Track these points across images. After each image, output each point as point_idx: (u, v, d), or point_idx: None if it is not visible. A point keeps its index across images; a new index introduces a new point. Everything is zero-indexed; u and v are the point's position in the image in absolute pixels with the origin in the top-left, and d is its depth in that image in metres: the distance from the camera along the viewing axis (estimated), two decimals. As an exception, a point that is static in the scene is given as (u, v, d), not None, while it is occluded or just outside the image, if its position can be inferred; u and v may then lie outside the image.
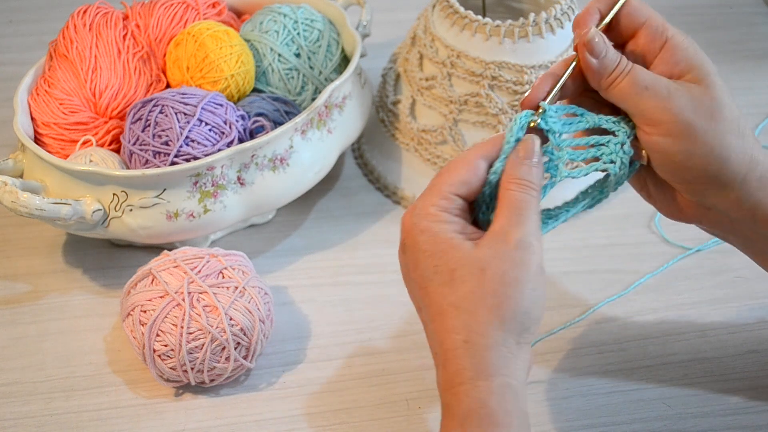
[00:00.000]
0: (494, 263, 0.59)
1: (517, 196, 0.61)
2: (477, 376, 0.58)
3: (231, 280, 0.77)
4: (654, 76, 0.63)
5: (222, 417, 0.76)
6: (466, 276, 0.59)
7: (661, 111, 0.62)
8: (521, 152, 0.63)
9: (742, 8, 1.22)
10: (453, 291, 0.60)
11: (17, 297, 0.86)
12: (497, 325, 0.59)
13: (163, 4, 0.94)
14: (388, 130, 0.97)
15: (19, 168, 0.86)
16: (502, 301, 0.59)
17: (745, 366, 0.79)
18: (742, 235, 0.67)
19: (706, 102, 0.63)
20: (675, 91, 0.63)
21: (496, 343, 0.59)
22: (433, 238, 0.61)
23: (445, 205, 0.62)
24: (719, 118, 0.63)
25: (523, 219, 0.61)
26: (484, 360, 0.59)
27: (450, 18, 0.90)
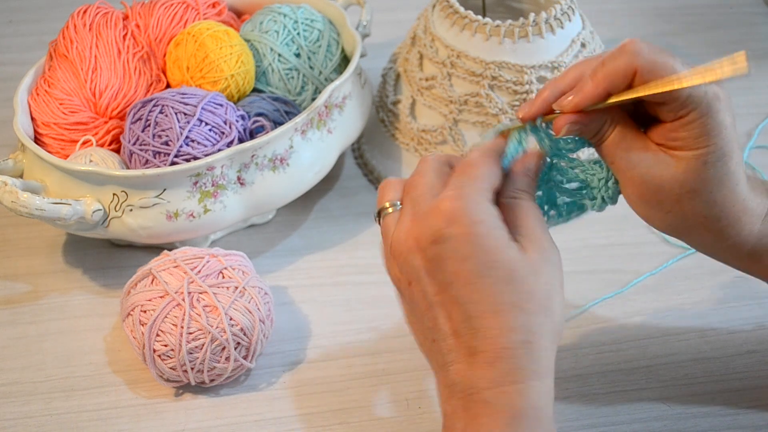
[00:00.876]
0: (545, 268, 0.60)
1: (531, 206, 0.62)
2: (533, 376, 0.58)
3: (231, 280, 0.77)
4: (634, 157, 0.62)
5: (222, 417, 0.76)
6: (527, 277, 0.59)
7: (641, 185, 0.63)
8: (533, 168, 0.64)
9: (742, 8, 1.22)
10: (514, 290, 0.58)
11: (17, 297, 0.86)
12: (550, 328, 0.59)
13: (163, 4, 0.94)
14: (388, 130, 0.97)
15: (19, 168, 0.86)
16: (552, 305, 0.60)
17: (745, 366, 0.79)
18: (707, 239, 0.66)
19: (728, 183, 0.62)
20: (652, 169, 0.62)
21: (550, 346, 0.59)
22: (491, 232, 0.59)
23: (490, 196, 0.60)
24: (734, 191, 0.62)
25: (545, 228, 0.62)
26: (542, 361, 0.58)
27: (450, 18, 0.90)
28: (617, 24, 1.19)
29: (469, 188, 0.59)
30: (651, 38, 1.16)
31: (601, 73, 0.61)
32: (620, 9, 1.22)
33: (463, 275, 0.58)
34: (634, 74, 0.60)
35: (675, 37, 1.17)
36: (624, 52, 0.60)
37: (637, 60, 0.60)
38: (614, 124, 0.63)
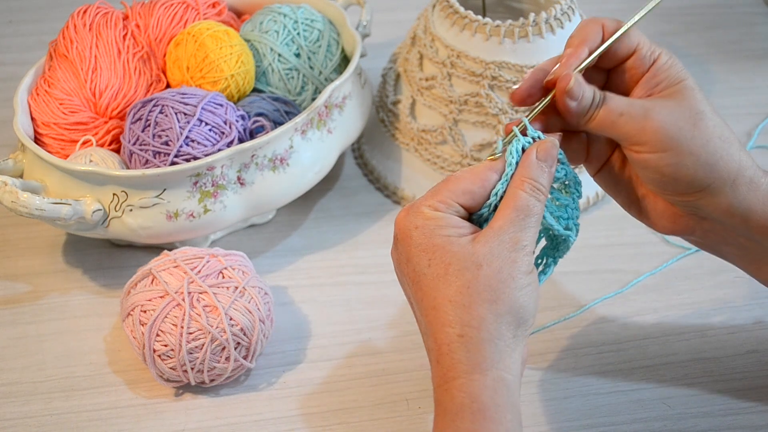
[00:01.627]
0: (490, 260, 0.60)
1: (526, 199, 0.62)
2: (472, 370, 0.59)
3: (231, 280, 0.77)
4: (627, 100, 0.64)
5: (222, 417, 0.76)
6: (462, 270, 0.60)
7: (641, 131, 0.63)
8: (540, 154, 0.63)
9: (742, 8, 1.22)
10: (448, 285, 0.60)
11: (17, 297, 0.86)
12: (492, 319, 0.59)
13: (163, 4, 0.94)
14: (388, 130, 0.97)
15: (19, 168, 0.86)
16: (498, 296, 0.59)
17: (745, 366, 0.79)
18: (736, 243, 0.67)
19: (685, 112, 0.63)
20: (652, 109, 0.63)
21: (491, 337, 0.59)
22: (428, 233, 0.61)
23: (442, 207, 0.62)
24: (701, 125, 0.63)
25: (526, 224, 0.61)
26: (479, 353, 0.59)
27: (450, 18, 0.90)
28: (617, 24, 1.19)
29: (420, 200, 0.63)
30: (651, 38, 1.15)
31: (575, 37, 0.66)
32: (620, 9, 1.22)
33: (411, 276, 0.62)
34: (602, 29, 0.65)
35: (675, 37, 1.17)
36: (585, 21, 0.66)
37: (601, 19, 0.66)
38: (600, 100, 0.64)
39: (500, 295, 0.59)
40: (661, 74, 0.65)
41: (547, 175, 0.63)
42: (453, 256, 0.60)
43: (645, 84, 0.65)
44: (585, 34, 0.65)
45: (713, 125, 0.63)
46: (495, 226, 0.61)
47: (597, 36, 0.65)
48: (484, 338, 0.59)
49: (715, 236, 0.67)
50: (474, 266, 0.60)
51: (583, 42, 0.65)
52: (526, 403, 0.76)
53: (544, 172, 0.63)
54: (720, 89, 1.08)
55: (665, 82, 0.64)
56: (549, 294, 0.85)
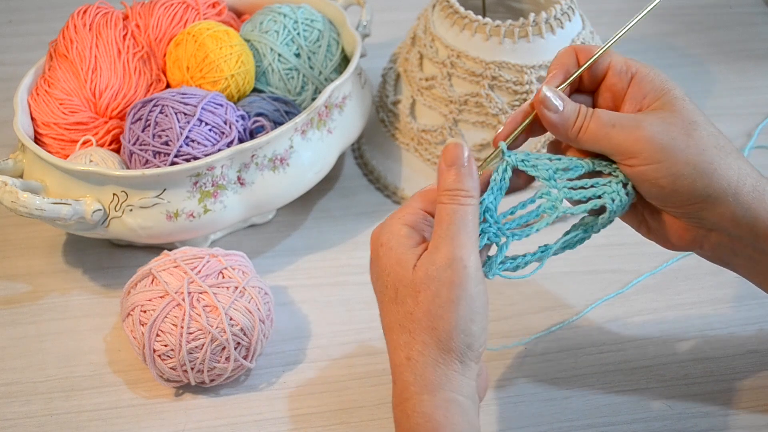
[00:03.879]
0: (427, 284, 0.60)
1: (447, 209, 0.61)
2: (421, 391, 0.60)
3: (231, 280, 0.77)
4: (618, 113, 0.64)
5: (222, 417, 0.76)
6: (406, 297, 0.61)
7: (634, 142, 0.63)
8: (447, 159, 0.62)
9: (742, 8, 1.22)
10: (397, 309, 0.61)
11: (17, 297, 0.86)
12: (434, 345, 0.60)
13: (163, 4, 0.94)
14: (388, 130, 0.97)
15: (19, 168, 0.86)
16: (437, 323, 0.60)
17: (745, 366, 0.79)
18: (744, 254, 0.67)
19: (677, 123, 0.63)
20: (643, 120, 0.63)
21: (435, 362, 0.60)
22: (388, 253, 0.62)
23: (408, 218, 0.63)
24: (695, 135, 0.63)
25: (453, 233, 0.60)
26: (424, 376, 0.60)
27: (450, 18, 0.90)
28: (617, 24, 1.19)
29: (389, 217, 0.64)
30: (651, 38, 1.16)
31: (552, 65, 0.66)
32: (620, 9, 1.22)
33: (377, 294, 0.64)
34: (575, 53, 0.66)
35: (675, 37, 1.17)
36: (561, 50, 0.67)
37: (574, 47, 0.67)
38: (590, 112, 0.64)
39: (438, 322, 0.60)
40: (645, 86, 0.65)
41: (462, 176, 0.62)
42: (400, 281, 0.61)
43: (631, 99, 0.65)
44: (560, 60, 0.66)
45: (707, 134, 0.63)
46: (429, 247, 0.61)
47: (571, 59, 0.66)
48: (428, 362, 0.60)
49: (723, 249, 0.67)
50: (414, 293, 0.60)
51: (560, 68, 0.66)
52: (526, 403, 0.76)
53: (455, 176, 0.62)
54: (720, 89, 1.08)
55: (651, 94, 0.64)
56: (548, 294, 0.85)
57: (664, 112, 0.63)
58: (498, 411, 0.76)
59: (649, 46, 1.14)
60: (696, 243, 0.67)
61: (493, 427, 0.75)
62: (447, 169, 0.62)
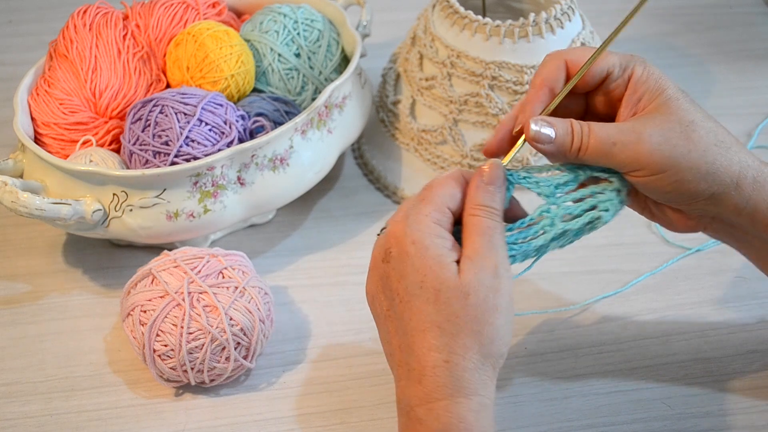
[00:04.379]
0: (476, 290, 0.60)
1: (485, 222, 0.62)
2: (457, 394, 0.60)
3: (231, 280, 0.77)
4: (616, 127, 0.64)
5: (222, 417, 0.76)
6: (451, 299, 0.60)
7: (637, 157, 0.63)
8: (485, 178, 0.63)
9: (742, 8, 1.22)
10: (437, 311, 0.60)
11: (17, 297, 0.86)
12: (477, 350, 0.60)
13: (163, 4, 0.94)
14: (388, 130, 0.97)
15: (19, 168, 0.86)
16: (483, 328, 0.60)
17: (745, 366, 0.79)
18: (745, 241, 0.68)
19: (675, 127, 0.63)
20: (642, 131, 0.63)
21: (475, 367, 0.60)
22: (424, 252, 0.61)
23: (438, 217, 0.62)
24: (694, 137, 0.63)
25: (494, 245, 0.62)
26: (464, 380, 0.60)
27: (450, 18, 0.90)
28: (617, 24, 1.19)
29: (414, 209, 0.62)
30: (651, 38, 1.16)
31: (537, 78, 0.66)
32: (620, 9, 1.22)
33: (401, 293, 0.62)
34: (566, 65, 0.66)
35: (675, 37, 1.17)
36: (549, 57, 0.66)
37: (564, 54, 0.66)
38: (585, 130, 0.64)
39: (484, 327, 0.60)
40: (641, 88, 0.65)
41: (496, 195, 0.63)
42: (443, 282, 0.60)
43: (627, 102, 0.65)
44: (546, 73, 0.66)
45: (706, 132, 0.63)
46: (470, 253, 0.61)
47: (559, 74, 0.66)
48: (469, 367, 0.60)
49: (726, 235, 0.68)
50: (462, 296, 0.60)
51: (544, 83, 0.65)
52: (526, 403, 0.76)
53: (492, 194, 0.63)
54: (720, 89, 1.08)
55: (647, 96, 0.64)
56: (548, 294, 0.85)
57: (660, 116, 0.63)
58: (498, 411, 0.76)
59: (649, 46, 1.14)
60: (700, 227, 0.68)
61: (493, 427, 0.75)
62: (486, 186, 0.63)
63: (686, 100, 0.64)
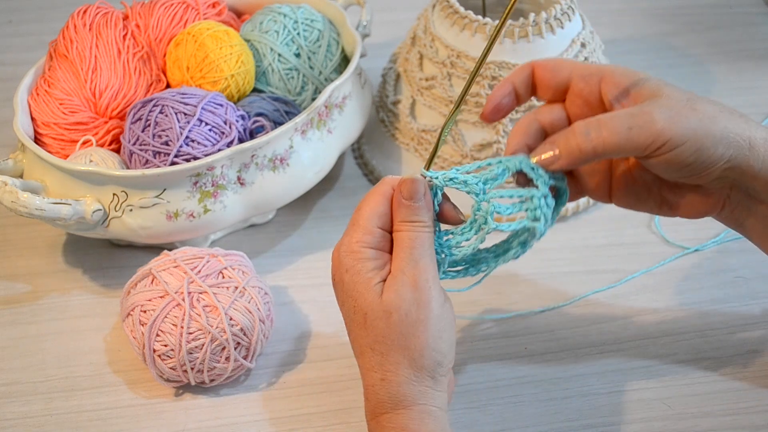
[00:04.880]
0: (397, 307, 0.63)
1: (407, 236, 0.64)
2: (396, 407, 0.63)
3: (231, 280, 0.77)
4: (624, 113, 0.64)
5: (222, 417, 0.76)
6: (376, 321, 0.63)
7: (656, 135, 0.63)
8: (404, 194, 0.65)
9: (742, 8, 1.22)
10: (367, 333, 0.64)
11: (17, 297, 0.86)
12: (407, 365, 0.63)
13: (163, 4, 0.94)
14: (388, 130, 0.97)
15: (19, 168, 0.86)
16: (410, 342, 0.63)
17: (745, 366, 0.79)
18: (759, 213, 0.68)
19: (678, 104, 0.63)
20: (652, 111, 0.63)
21: (409, 380, 0.63)
22: (354, 278, 0.64)
23: (368, 240, 0.65)
24: (699, 107, 0.64)
25: (414, 258, 0.63)
26: (399, 394, 0.63)
27: (450, 18, 0.90)
28: (617, 24, 1.19)
29: (346, 236, 0.65)
30: (651, 38, 1.16)
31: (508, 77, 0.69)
32: (620, 9, 1.22)
33: (344, 318, 0.66)
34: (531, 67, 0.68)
35: (675, 37, 1.17)
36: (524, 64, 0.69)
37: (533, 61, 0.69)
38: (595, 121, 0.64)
39: (411, 340, 0.63)
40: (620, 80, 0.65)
41: (418, 209, 0.64)
42: (369, 305, 0.63)
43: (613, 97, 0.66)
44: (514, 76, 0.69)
45: (707, 102, 0.64)
46: (393, 270, 0.64)
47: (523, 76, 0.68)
48: (402, 381, 0.63)
49: (741, 208, 0.68)
50: (385, 315, 0.63)
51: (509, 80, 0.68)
52: (526, 403, 0.76)
53: (412, 209, 0.64)
54: (720, 89, 1.08)
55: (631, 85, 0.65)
56: (548, 294, 0.85)
57: (659, 99, 0.64)
58: (498, 411, 0.76)
59: (649, 46, 1.14)
60: (717, 206, 0.69)
61: (493, 427, 0.75)
62: (405, 202, 0.65)
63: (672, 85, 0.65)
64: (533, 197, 0.65)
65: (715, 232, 0.90)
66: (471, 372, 0.79)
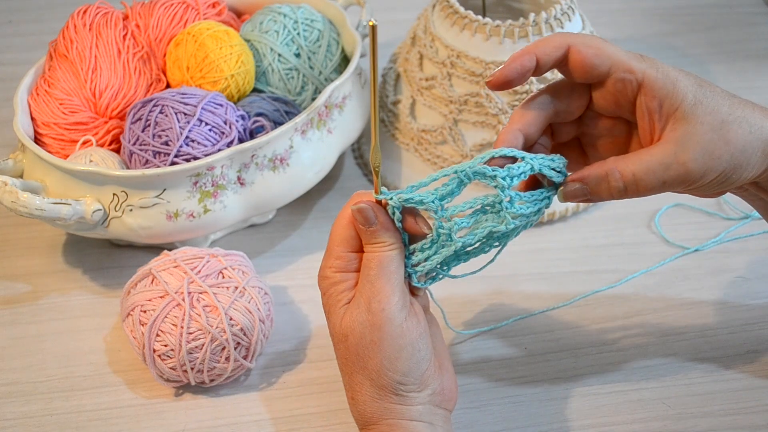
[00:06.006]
0: (353, 328, 0.64)
1: (367, 257, 0.65)
2: (366, 424, 0.66)
3: (231, 280, 0.77)
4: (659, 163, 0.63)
5: (222, 417, 0.76)
6: (339, 344, 0.66)
7: (687, 182, 0.63)
8: (359, 221, 0.65)
9: (742, 8, 1.22)
10: (337, 356, 0.67)
11: (17, 297, 0.86)
12: (369, 384, 0.65)
13: (163, 4, 0.94)
14: (388, 130, 0.97)
15: (19, 168, 0.86)
16: (367, 363, 0.64)
17: (745, 366, 0.79)
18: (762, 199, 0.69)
19: (713, 137, 0.62)
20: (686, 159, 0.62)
21: (372, 398, 0.65)
22: (327, 301, 0.66)
23: (339, 264, 0.66)
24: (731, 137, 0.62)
25: (372, 278, 0.64)
26: (366, 412, 0.65)
27: (450, 18, 0.90)
28: (617, 24, 1.19)
29: (323, 262, 0.67)
30: (651, 38, 1.16)
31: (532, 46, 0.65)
32: (620, 9, 1.22)
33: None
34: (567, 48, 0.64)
35: (675, 37, 1.17)
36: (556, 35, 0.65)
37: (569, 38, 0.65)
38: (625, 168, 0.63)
39: (367, 362, 0.64)
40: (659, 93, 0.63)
41: (375, 231, 0.64)
42: (333, 328, 0.66)
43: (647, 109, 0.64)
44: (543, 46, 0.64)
45: (739, 125, 0.63)
46: (355, 294, 0.65)
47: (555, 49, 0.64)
48: (366, 399, 0.65)
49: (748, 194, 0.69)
50: (343, 338, 0.65)
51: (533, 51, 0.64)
52: (526, 403, 0.76)
53: (371, 233, 0.64)
54: (720, 89, 1.08)
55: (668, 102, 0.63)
56: (548, 294, 0.85)
57: (692, 127, 0.62)
58: (498, 411, 0.76)
59: (649, 46, 1.14)
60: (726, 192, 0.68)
61: (493, 427, 0.75)
62: (364, 229, 0.65)
63: (708, 98, 0.63)
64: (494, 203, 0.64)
65: (716, 232, 0.90)
66: (471, 372, 0.79)
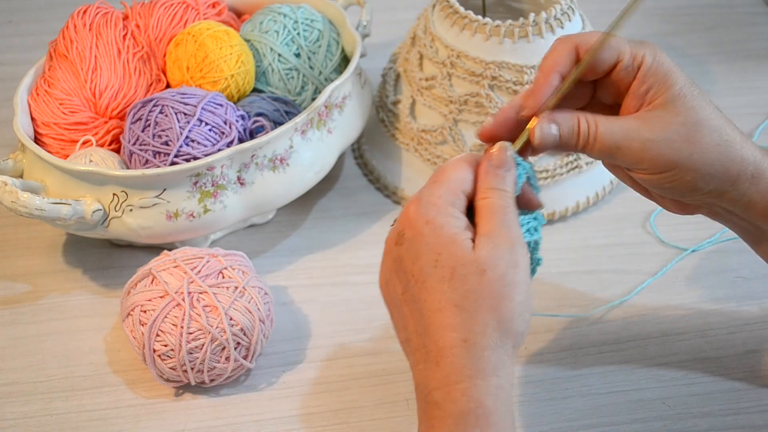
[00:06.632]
0: (494, 264, 0.59)
1: (497, 203, 0.61)
2: (475, 375, 0.58)
3: (231, 280, 0.77)
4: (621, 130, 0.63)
5: (222, 417, 0.76)
6: (467, 275, 0.59)
7: (639, 160, 0.63)
8: (494, 161, 0.62)
9: (742, 8, 1.22)
10: (453, 288, 0.59)
11: (17, 297, 0.86)
12: (495, 326, 0.58)
13: (163, 4, 0.94)
14: (388, 130, 0.97)
15: (19, 168, 0.86)
16: (501, 303, 0.58)
17: (745, 366, 0.79)
18: (738, 224, 0.69)
19: (680, 129, 0.63)
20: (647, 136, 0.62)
21: (494, 344, 0.58)
22: (438, 231, 0.60)
23: (452, 199, 0.61)
24: (698, 138, 0.63)
25: (507, 223, 0.60)
26: (482, 359, 0.58)
27: (450, 18, 0.90)
28: (617, 24, 1.19)
29: (427, 191, 0.61)
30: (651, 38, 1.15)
31: (546, 62, 0.64)
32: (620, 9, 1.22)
33: (416, 274, 0.60)
34: (575, 49, 0.64)
35: (675, 37, 1.17)
36: (559, 41, 0.65)
37: (575, 38, 0.64)
38: (594, 122, 0.63)
39: (502, 302, 0.59)
40: (650, 79, 0.64)
41: (506, 178, 0.62)
42: (458, 260, 0.59)
43: (635, 93, 0.64)
44: (555, 57, 0.64)
45: (710, 132, 0.63)
46: (484, 232, 0.60)
47: (568, 58, 0.64)
48: (487, 345, 0.58)
49: (720, 218, 0.69)
50: (479, 272, 0.59)
51: (554, 67, 0.64)
52: (526, 403, 0.76)
53: (501, 177, 0.62)
54: (720, 89, 1.08)
55: (654, 88, 0.63)
56: (548, 294, 0.85)
57: (665, 115, 0.63)
58: (498, 411, 0.76)
59: (649, 46, 1.14)
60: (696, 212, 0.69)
61: (493, 427, 0.75)
62: (495, 170, 0.62)
63: (694, 96, 0.63)
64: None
65: (713, 231, 0.90)
66: (471, 372, 0.79)
